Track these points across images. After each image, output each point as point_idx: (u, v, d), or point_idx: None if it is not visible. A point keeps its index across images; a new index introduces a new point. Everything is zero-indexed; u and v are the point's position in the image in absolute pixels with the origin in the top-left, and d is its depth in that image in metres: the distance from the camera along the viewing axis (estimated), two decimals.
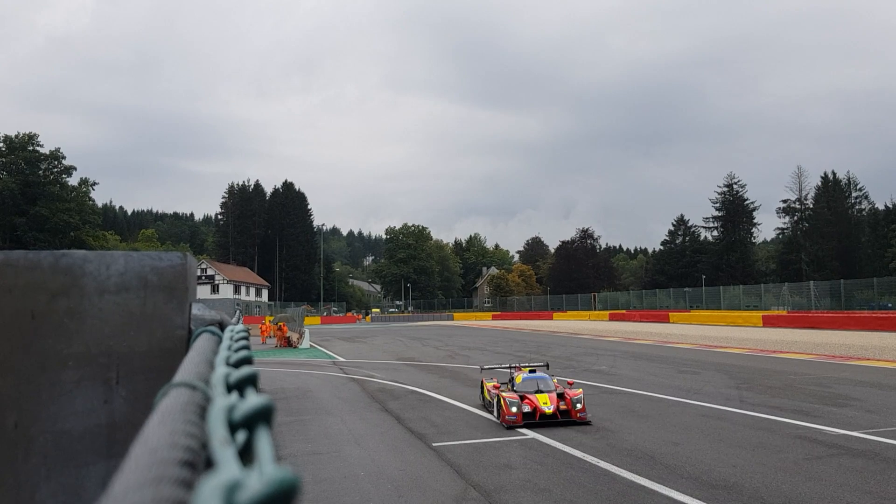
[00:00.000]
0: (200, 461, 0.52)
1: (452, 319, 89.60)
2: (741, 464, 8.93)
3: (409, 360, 26.58)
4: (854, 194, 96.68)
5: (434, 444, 10.68)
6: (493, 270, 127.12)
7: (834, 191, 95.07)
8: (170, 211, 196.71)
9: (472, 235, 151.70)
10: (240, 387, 0.76)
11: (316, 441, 11.28)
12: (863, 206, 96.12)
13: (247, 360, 0.92)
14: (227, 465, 0.48)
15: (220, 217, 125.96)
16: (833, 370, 18.98)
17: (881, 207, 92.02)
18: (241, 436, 0.58)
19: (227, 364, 0.90)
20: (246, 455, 0.55)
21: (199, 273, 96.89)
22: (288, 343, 36.85)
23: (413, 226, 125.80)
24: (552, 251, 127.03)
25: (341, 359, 27.80)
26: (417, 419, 12.87)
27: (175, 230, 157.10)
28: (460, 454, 10.01)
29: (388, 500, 7.95)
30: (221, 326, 1.72)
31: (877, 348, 25.41)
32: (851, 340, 29.65)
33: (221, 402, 0.61)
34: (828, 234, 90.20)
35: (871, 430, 10.67)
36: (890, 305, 55.87)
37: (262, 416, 0.58)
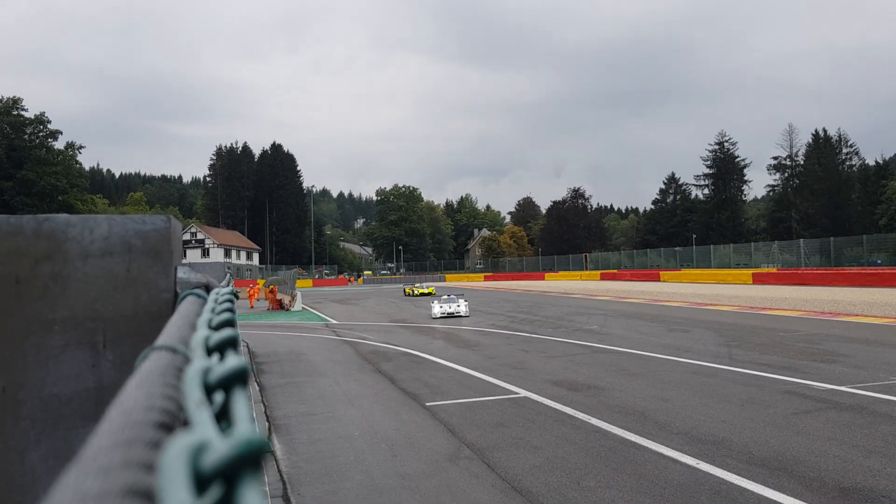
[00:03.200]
0: (177, 423, 0.51)
1: (444, 281, 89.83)
2: (730, 419, 9.04)
3: (402, 321, 26.69)
4: (845, 151, 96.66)
5: (427, 404, 10.77)
6: (485, 232, 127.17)
7: (825, 148, 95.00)
8: (158, 174, 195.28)
9: (464, 196, 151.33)
10: (220, 349, 0.74)
11: (310, 402, 11.35)
12: (853, 163, 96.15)
13: (228, 323, 0.91)
14: (202, 426, 0.46)
15: (208, 180, 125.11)
16: (822, 327, 19.16)
17: (871, 163, 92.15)
18: (218, 398, 0.56)
19: (209, 327, 0.88)
20: (223, 417, 0.54)
21: (188, 237, 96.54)
22: (280, 306, 36.89)
23: (404, 187, 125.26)
24: (543, 211, 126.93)
25: (334, 321, 27.89)
26: (410, 380, 12.96)
27: (164, 193, 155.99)
28: (453, 413, 10.09)
29: (382, 459, 8.03)
30: (207, 289, 1.70)
31: (865, 304, 25.64)
32: (840, 297, 29.90)
33: (197, 364, 0.60)
34: (818, 191, 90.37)
35: (858, 384, 10.81)
36: (879, 262, 56.22)
37: (238, 378, 0.57)
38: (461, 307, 26.90)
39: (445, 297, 27.76)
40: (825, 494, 6.21)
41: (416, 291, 48.12)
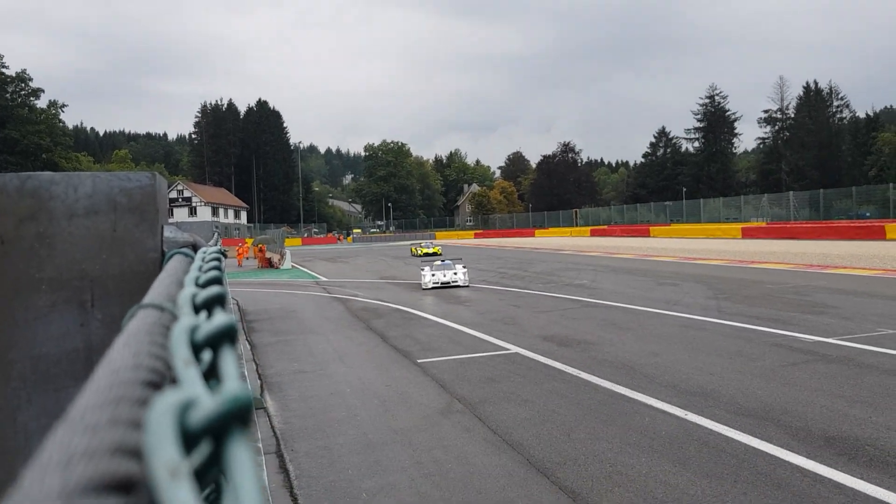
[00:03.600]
0: (165, 382, 0.50)
1: (434, 239, 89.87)
2: (718, 371, 9.15)
3: (392, 278, 26.75)
4: (835, 103, 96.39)
5: (419, 361, 10.85)
6: (475, 187, 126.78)
7: (815, 100, 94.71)
8: (142, 131, 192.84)
9: (453, 152, 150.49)
10: (207, 307, 0.73)
11: (301, 360, 11.42)
12: (843, 115, 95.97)
13: (216, 281, 0.89)
14: (190, 384, 0.46)
15: (194, 137, 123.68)
16: (810, 279, 19.33)
17: (862, 116, 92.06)
18: (206, 356, 0.56)
19: (197, 284, 0.87)
20: (212, 375, 0.53)
21: (175, 195, 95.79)
22: (269, 264, 36.87)
23: (392, 142, 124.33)
24: (534, 166, 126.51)
25: (324, 279, 27.92)
26: (402, 337, 13.03)
27: (149, 150, 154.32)
28: (445, 369, 10.18)
29: (374, 414, 8.11)
30: (195, 248, 1.68)
31: (854, 256, 25.85)
32: (829, 250, 30.11)
33: (184, 322, 0.59)
34: (808, 144, 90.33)
35: (846, 336, 10.94)
36: (868, 214, 56.49)
37: (226, 336, 0.56)
38: (458, 275, 21.68)
39: (439, 262, 22.78)
40: (811, 444, 6.33)
41: (419, 251, 43.26)
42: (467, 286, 21.28)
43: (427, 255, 40.66)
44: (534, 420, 7.47)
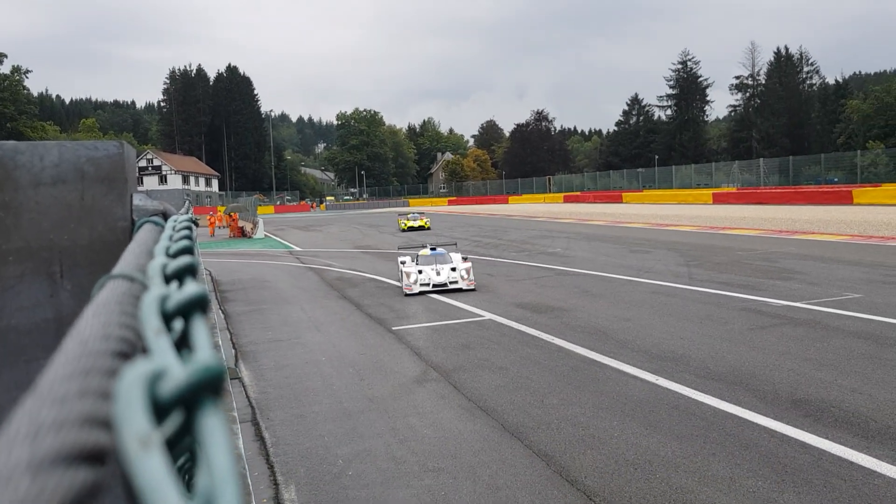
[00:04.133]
0: (136, 352, 0.49)
1: (408, 206, 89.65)
2: (689, 336, 9.29)
3: (366, 247, 26.69)
4: (805, 69, 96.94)
5: (393, 329, 10.88)
6: (448, 156, 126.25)
7: (786, 66, 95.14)
8: (110, 99, 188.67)
9: (426, 120, 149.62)
10: (178, 276, 0.72)
11: (276, 329, 11.39)
12: (813, 82, 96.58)
13: (187, 250, 0.89)
14: (160, 354, 0.45)
15: (162, 105, 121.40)
16: (779, 245, 19.60)
17: (831, 82, 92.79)
18: (178, 326, 0.55)
19: (167, 254, 0.86)
20: (184, 345, 0.53)
21: (145, 164, 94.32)
22: (242, 233, 36.57)
23: (365, 111, 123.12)
24: (507, 135, 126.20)
25: (297, 248, 27.78)
26: (376, 305, 13.04)
27: (117, 119, 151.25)
28: (419, 337, 10.22)
29: (350, 383, 8.14)
30: (165, 217, 1.66)
31: (822, 222, 26.23)
32: (798, 215, 30.52)
33: (154, 291, 0.58)
34: (779, 111, 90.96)
35: (813, 300, 11.14)
36: (836, 180, 57.23)
37: (197, 305, 0.56)
38: (458, 272, 14.35)
39: (427, 251, 15.18)
40: (778, 406, 6.47)
41: (405, 224, 35.50)
42: (473, 290, 14.02)
43: (411, 229, 33.46)
44: (508, 387, 7.54)
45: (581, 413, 6.59)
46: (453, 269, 14.29)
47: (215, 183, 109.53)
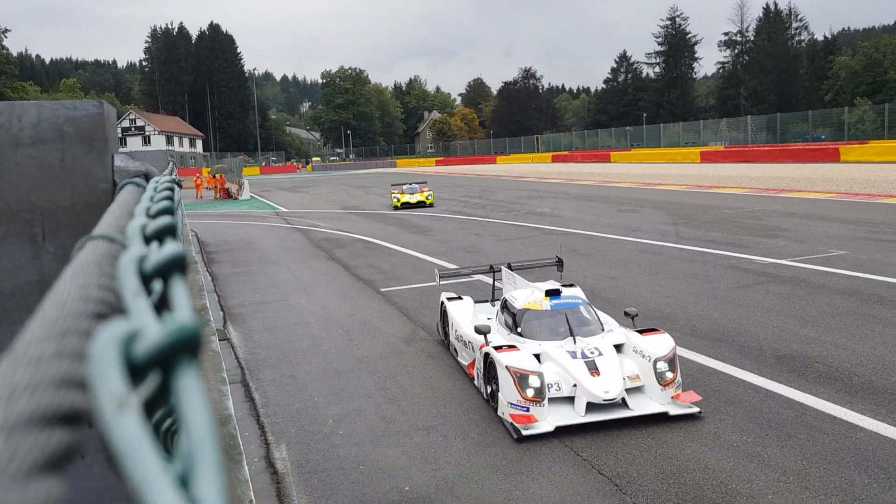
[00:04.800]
0: (114, 314, 0.49)
1: (395, 167, 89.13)
2: (675, 294, 9.36)
3: (354, 208, 26.59)
4: (794, 25, 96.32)
5: (382, 290, 10.89)
6: (435, 115, 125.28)
7: (775, 22, 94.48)
8: (90, 58, 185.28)
9: (412, 78, 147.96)
10: (158, 237, 0.71)
11: (264, 291, 11.39)
12: (802, 38, 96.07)
13: (167, 211, 0.87)
14: (138, 315, 0.45)
15: (144, 64, 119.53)
16: (766, 203, 19.67)
17: (820, 38, 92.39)
18: (157, 287, 0.54)
19: (148, 215, 0.85)
20: (164, 306, 0.52)
21: (128, 124, 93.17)
22: (227, 194, 36.31)
23: (350, 69, 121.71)
24: (495, 93, 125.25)
25: (284, 209, 27.65)
26: (364, 266, 13.04)
27: (98, 78, 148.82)
28: (408, 298, 10.25)
29: (339, 343, 8.17)
30: (147, 178, 1.64)
31: (808, 179, 26.30)
32: (785, 173, 30.57)
33: (132, 252, 0.57)
34: (767, 68, 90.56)
35: (798, 258, 11.22)
36: (823, 137, 57.21)
37: (176, 266, 0.55)
38: (646, 366, 5.83)
39: (540, 296, 6.79)
40: (763, 362, 6.55)
41: (399, 200, 24.77)
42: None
43: (407, 206, 24.56)
44: None
45: None
46: (618, 352, 6.12)
47: (199, 143, 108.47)
